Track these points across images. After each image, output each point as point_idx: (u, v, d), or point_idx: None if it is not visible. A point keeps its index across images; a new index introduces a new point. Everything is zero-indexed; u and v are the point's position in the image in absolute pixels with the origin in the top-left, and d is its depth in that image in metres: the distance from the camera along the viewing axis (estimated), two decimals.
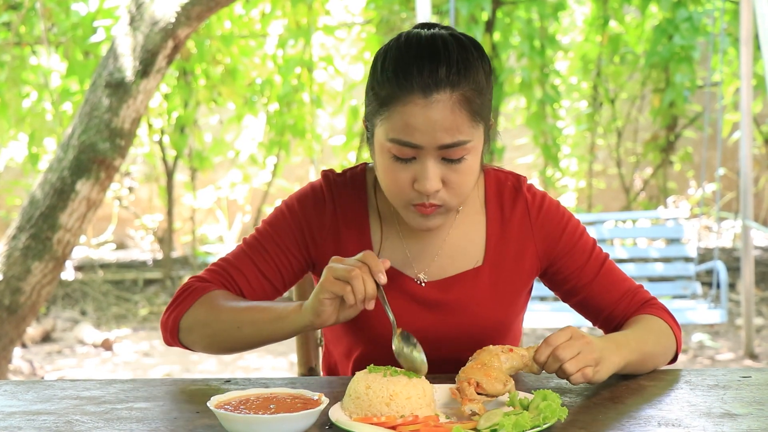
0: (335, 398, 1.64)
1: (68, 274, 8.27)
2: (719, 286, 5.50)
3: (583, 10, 8.79)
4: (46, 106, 7.36)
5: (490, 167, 1.99)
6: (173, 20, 4.21)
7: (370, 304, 1.67)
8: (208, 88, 7.69)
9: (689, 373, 1.85)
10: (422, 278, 1.91)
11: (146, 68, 4.27)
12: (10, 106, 6.91)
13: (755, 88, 7.52)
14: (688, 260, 5.82)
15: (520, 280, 1.94)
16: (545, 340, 1.65)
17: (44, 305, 6.38)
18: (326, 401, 1.53)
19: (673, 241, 5.94)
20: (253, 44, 7.91)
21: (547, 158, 8.11)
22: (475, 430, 1.51)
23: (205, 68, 7.56)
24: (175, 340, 1.89)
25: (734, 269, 7.69)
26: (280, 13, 7.58)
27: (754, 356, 6.01)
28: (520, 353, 1.66)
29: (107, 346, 6.59)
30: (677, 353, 1.93)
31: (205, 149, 8.23)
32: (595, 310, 1.97)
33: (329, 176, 1.95)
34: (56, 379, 3.85)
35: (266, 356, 6.29)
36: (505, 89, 7.72)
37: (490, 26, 7.39)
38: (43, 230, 4.31)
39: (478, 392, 1.59)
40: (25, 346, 6.56)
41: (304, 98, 7.69)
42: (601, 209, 9.50)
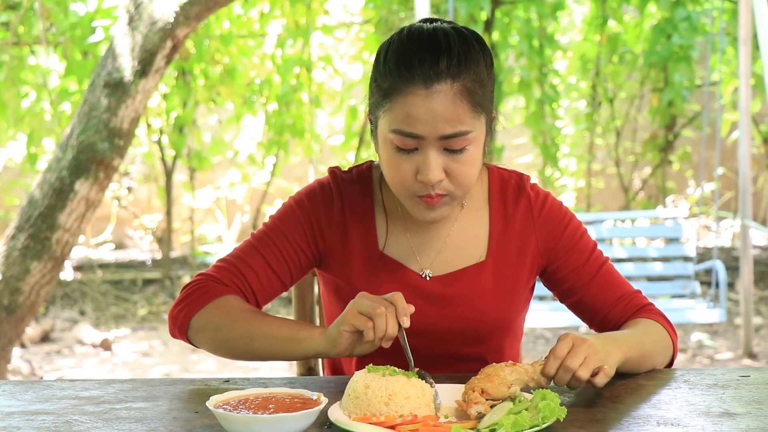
0: (334, 398, 1.64)
1: (67, 274, 8.27)
2: (718, 285, 5.49)
3: (581, 9, 8.79)
4: (44, 106, 7.36)
5: (493, 166, 2.01)
6: (172, 20, 4.21)
7: (387, 343, 1.68)
8: (206, 87, 7.69)
9: (688, 372, 1.85)
10: (427, 272, 1.92)
11: (145, 68, 4.27)
12: (8, 106, 6.91)
13: (754, 87, 7.52)
14: (686, 260, 5.82)
15: (522, 276, 1.95)
16: (551, 353, 1.65)
17: (43, 305, 6.38)
18: (325, 401, 1.53)
19: (671, 240, 5.94)
20: (251, 44, 7.90)
21: (545, 158, 8.11)
22: (474, 429, 1.51)
23: (203, 68, 7.56)
24: (182, 335, 1.89)
25: (733, 268, 7.69)
26: (278, 12, 7.58)
27: (752, 355, 6.01)
28: (524, 368, 1.65)
29: (106, 346, 6.59)
30: (673, 359, 1.94)
31: (203, 149, 8.22)
32: (591, 311, 1.97)
33: (336, 173, 1.97)
34: (55, 379, 3.85)
35: None
36: (504, 89, 7.72)
37: (489, 26, 7.39)
38: (41, 230, 4.30)
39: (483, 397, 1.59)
40: (24, 346, 6.55)
41: (302, 98, 7.69)
42: (599, 209, 9.50)
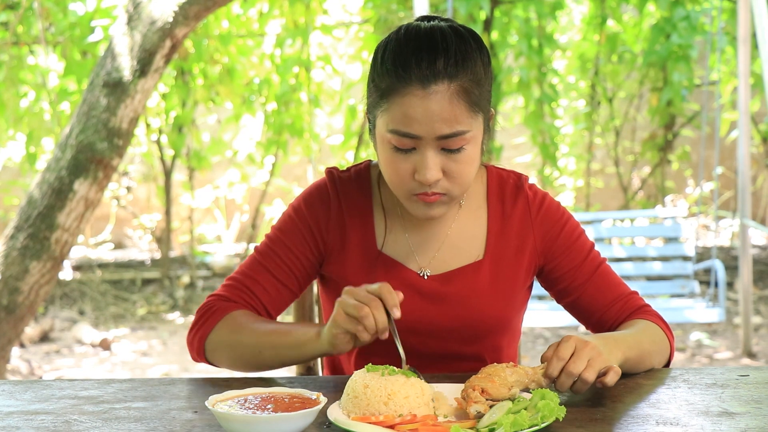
0: (333, 397, 1.64)
1: (66, 273, 8.26)
2: (717, 284, 5.49)
3: (581, 9, 8.78)
4: (43, 105, 7.35)
5: (492, 165, 2.01)
6: (171, 20, 4.21)
7: (383, 335, 1.69)
8: (205, 87, 7.68)
9: (687, 371, 1.85)
10: (425, 271, 1.93)
11: (144, 68, 4.27)
12: (7, 105, 6.91)
13: (753, 86, 7.52)
14: (686, 259, 5.82)
15: (519, 275, 1.95)
16: (554, 354, 1.63)
17: (42, 305, 6.37)
18: (324, 400, 1.53)
19: (671, 240, 5.94)
20: (250, 44, 7.90)
21: (545, 157, 8.11)
22: (473, 429, 1.51)
23: (202, 68, 7.56)
24: (202, 358, 1.91)
25: (732, 268, 7.69)
26: (277, 12, 7.57)
27: (752, 355, 6.01)
28: (524, 369, 1.64)
29: (105, 345, 6.59)
30: (670, 359, 1.94)
31: (203, 149, 8.22)
32: (587, 312, 1.97)
33: (333, 173, 1.98)
34: (54, 378, 3.85)
35: None
36: (503, 88, 7.72)
37: (488, 25, 7.38)
38: (41, 230, 4.30)
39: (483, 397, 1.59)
40: (23, 345, 6.55)
41: (302, 98, 7.68)
42: (599, 208, 9.49)
